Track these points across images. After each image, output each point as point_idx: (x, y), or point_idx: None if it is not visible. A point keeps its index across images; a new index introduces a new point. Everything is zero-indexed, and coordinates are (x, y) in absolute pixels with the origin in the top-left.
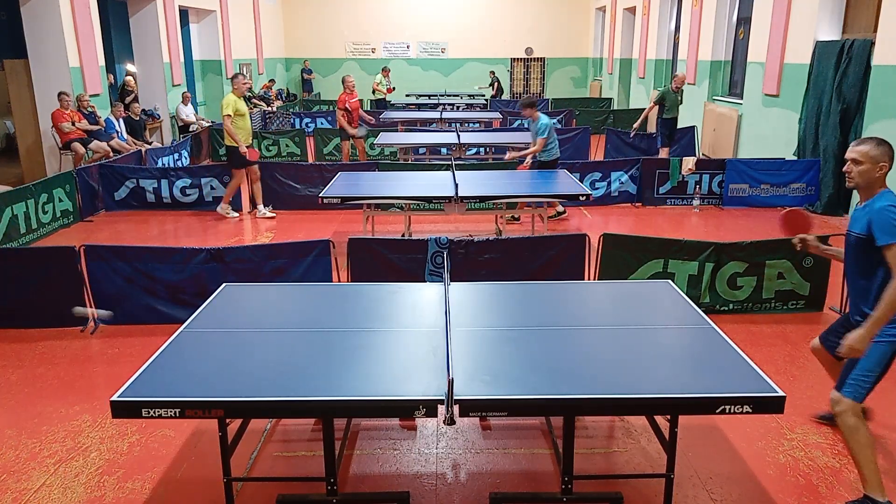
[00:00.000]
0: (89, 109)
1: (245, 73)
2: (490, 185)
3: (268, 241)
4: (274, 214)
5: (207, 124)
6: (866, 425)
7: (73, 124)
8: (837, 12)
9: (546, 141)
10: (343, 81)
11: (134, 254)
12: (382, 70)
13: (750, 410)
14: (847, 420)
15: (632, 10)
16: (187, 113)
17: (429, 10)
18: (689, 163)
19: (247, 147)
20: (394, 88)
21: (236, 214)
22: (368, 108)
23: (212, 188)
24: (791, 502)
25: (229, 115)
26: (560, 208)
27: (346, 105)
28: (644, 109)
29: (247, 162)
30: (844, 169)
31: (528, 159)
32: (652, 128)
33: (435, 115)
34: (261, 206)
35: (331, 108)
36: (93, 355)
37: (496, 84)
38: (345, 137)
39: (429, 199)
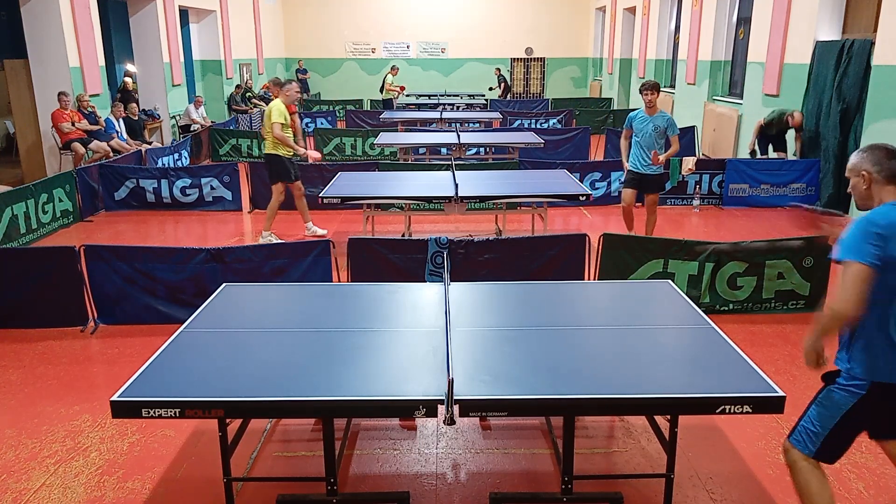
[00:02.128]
0: (89, 109)
1: (246, 74)
2: (490, 185)
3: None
4: (325, 231)
5: (208, 124)
6: (822, 479)
7: (73, 124)
8: (837, 12)
9: (678, 148)
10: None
11: (134, 254)
12: (392, 69)
13: (750, 410)
14: (796, 474)
15: (632, 10)
16: (196, 115)
17: (429, 10)
18: (689, 163)
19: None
20: (404, 87)
21: (316, 229)
22: (369, 108)
23: (212, 188)
24: (791, 502)
25: (280, 123)
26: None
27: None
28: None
29: (291, 175)
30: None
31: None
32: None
33: (435, 115)
34: (309, 223)
35: (331, 108)
36: (93, 355)
37: (503, 84)
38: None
39: (429, 199)
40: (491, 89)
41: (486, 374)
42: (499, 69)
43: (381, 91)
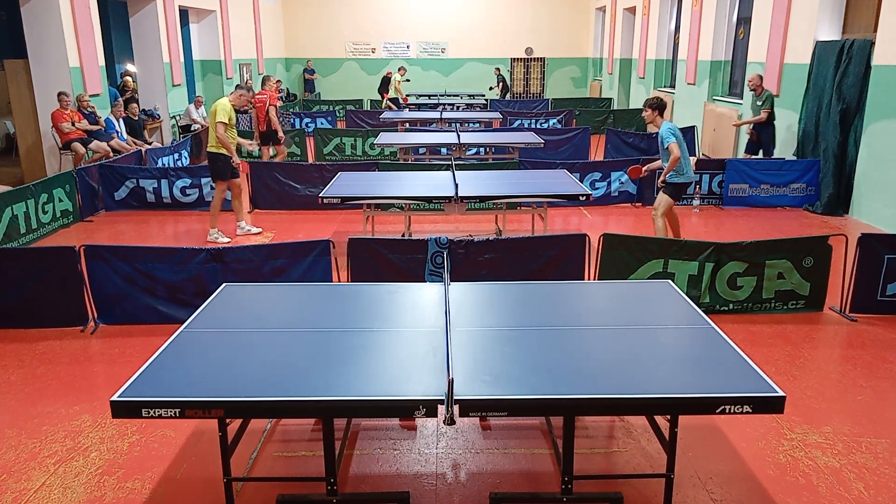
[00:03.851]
0: (89, 109)
1: (246, 74)
2: (490, 185)
3: (268, 241)
4: (259, 230)
5: (208, 124)
6: None
7: (73, 124)
8: (837, 12)
9: (677, 155)
10: (271, 79)
11: (134, 254)
12: (400, 69)
13: (750, 410)
14: None
15: (632, 10)
16: (196, 115)
17: (429, 10)
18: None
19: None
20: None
21: (251, 228)
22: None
23: (212, 188)
24: (791, 502)
25: (224, 123)
26: None
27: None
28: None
29: (234, 173)
30: None
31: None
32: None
33: (435, 115)
34: (243, 223)
35: (331, 108)
36: (93, 355)
37: (502, 83)
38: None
39: (429, 199)
40: (491, 88)
41: (486, 374)
42: (498, 69)
43: (385, 90)
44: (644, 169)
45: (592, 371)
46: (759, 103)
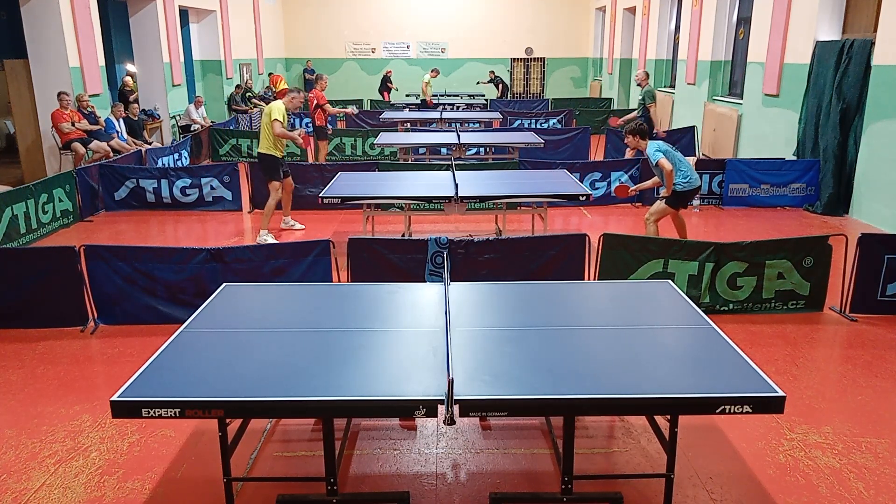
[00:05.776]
0: (89, 109)
1: (246, 74)
2: (490, 185)
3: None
4: (303, 227)
5: (208, 124)
6: None
7: (73, 124)
8: (837, 12)
9: (669, 168)
10: (322, 79)
11: (134, 254)
12: (432, 71)
13: (750, 410)
14: None
15: (632, 10)
16: (196, 115)
17: (429, 10)
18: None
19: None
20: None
21: (294, 223)
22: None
23: (212, 188)
24: (791, 502)
25: (279, 121)
26: None
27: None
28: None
29: (279, 174)
30: None
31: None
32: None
33: (435, 115)
34: (288, 218)
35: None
36: (93, 355)
37: (500, 85)
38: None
39: (429, 199)
40: (478, 83)
41: (486, 374)
42: (493, 71)
43: (386, 89)
44: (632, 189)
45: (592, 371)
46: (640, 97)
